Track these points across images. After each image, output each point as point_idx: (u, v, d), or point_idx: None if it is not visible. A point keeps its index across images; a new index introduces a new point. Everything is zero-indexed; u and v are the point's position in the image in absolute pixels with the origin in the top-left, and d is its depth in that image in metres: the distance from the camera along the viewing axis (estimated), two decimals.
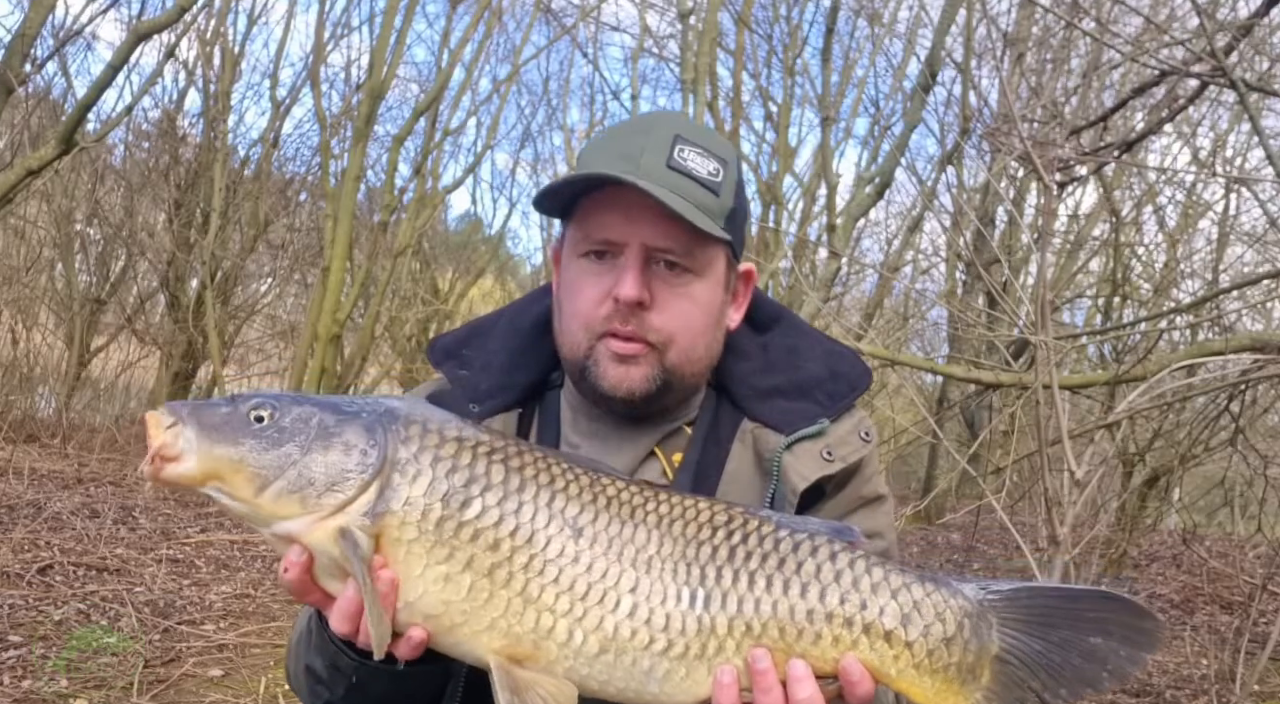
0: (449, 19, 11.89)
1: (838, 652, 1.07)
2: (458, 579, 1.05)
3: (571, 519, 1.08)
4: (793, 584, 1.08)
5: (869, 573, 1.10)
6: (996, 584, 1.12)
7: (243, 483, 1.04)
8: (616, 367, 1.29)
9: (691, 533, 1.10)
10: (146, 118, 13.18)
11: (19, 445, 9.02)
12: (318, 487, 1.04)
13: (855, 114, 13.22)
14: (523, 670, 1.05)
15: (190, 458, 1.04)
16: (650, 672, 1.06)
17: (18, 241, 11.73)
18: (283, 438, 1.06)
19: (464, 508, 1.06)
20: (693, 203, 1.25)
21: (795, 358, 1.42)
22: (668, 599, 1.07)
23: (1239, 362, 4.29)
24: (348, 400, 1.13)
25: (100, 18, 11.84)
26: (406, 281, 14.77)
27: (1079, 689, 1.08)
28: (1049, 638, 1.08)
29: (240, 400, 1.09)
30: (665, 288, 1.29)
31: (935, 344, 14.31)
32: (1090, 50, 6.51)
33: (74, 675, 4.19)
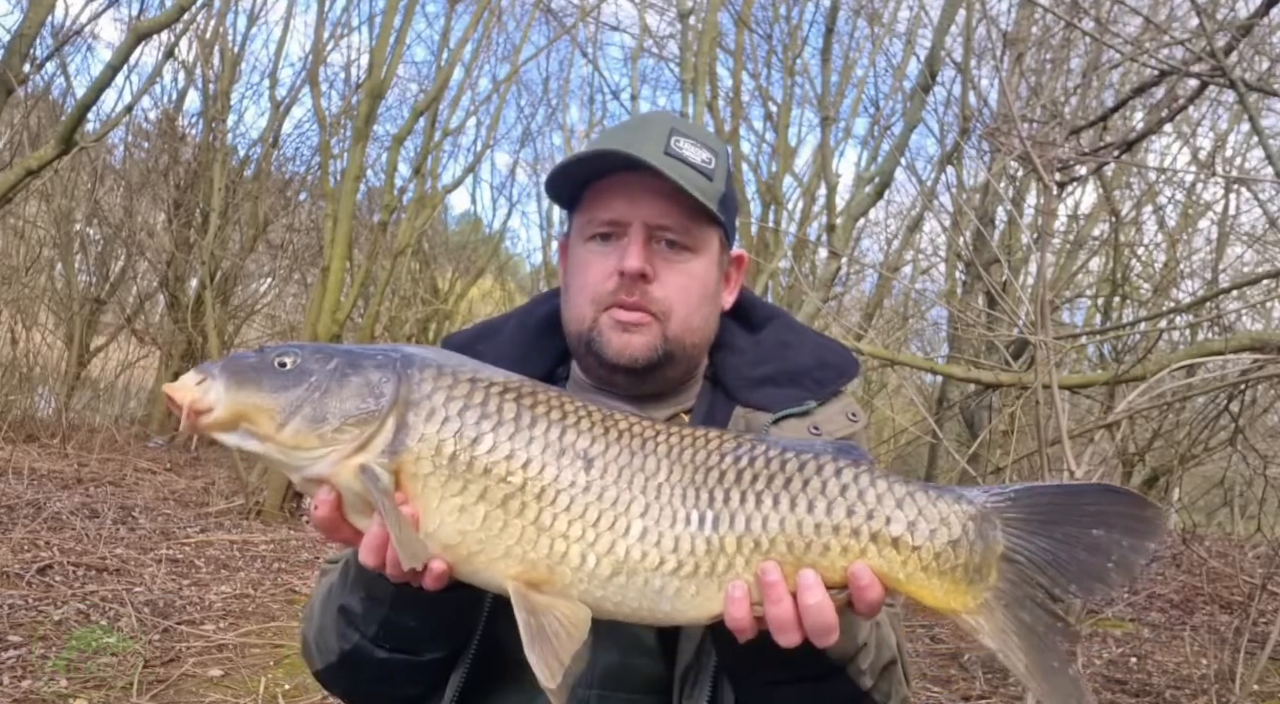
0: (448, 19, 11.88)
1: (846, 561, 1.11)
2: (472, 510, 1.10)
3: (582, 451, 1.13)
4: (799, 500, 1.12)
5: (874, 485, 1.14)
6: (1000, 488, 1.15)
7: (265, 420, 1.10)
8: (620, 334, 1.39)
9: (700, 459, 1.15)
10: (146, 118, 13.20)
11: (19, 445, 9.02)
12: (333, 422, 1.10)
13: (855, 114, 13.21)
14: (540, 595, 1.10)
15: (220, 405, 1.11)
16: (662, 591, 1.11)
17: (17, 241, 11.73)
18: (302, 378, 1.12)
19: (476, 443, 1.11)
20: (689, 184, 1.35)
21: (786, 351, 1.51)
22: (677, 522, 1.11)
23: (1239, 362, 4.30)
24: (371, 348, 1.19)
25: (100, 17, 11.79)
26: (406, 281, 14.77)
27: (1087, 583, 1.11)
28: (1053, 534, 1.12)
29: (268, 350, 1.16)
30: (665, 264, 1.40)
31: (935, 344, 14.32)
32: (1090, 50, 6.51)
33: (74, 675, 4.19)
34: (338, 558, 1.47)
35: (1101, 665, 5.79)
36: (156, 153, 12.88)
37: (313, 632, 1.41)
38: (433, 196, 13.89)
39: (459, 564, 1.12)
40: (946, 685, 5.33)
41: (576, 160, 1.41)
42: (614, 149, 1.36)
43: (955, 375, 5.96)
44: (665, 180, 1.34)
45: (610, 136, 1.46)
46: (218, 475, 9.69)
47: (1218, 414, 6.15)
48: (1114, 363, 7.59)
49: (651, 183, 1.37)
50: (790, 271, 9.91)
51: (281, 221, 13.55)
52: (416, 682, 1.38)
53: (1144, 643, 6.45)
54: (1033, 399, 3.71)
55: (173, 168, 12.36)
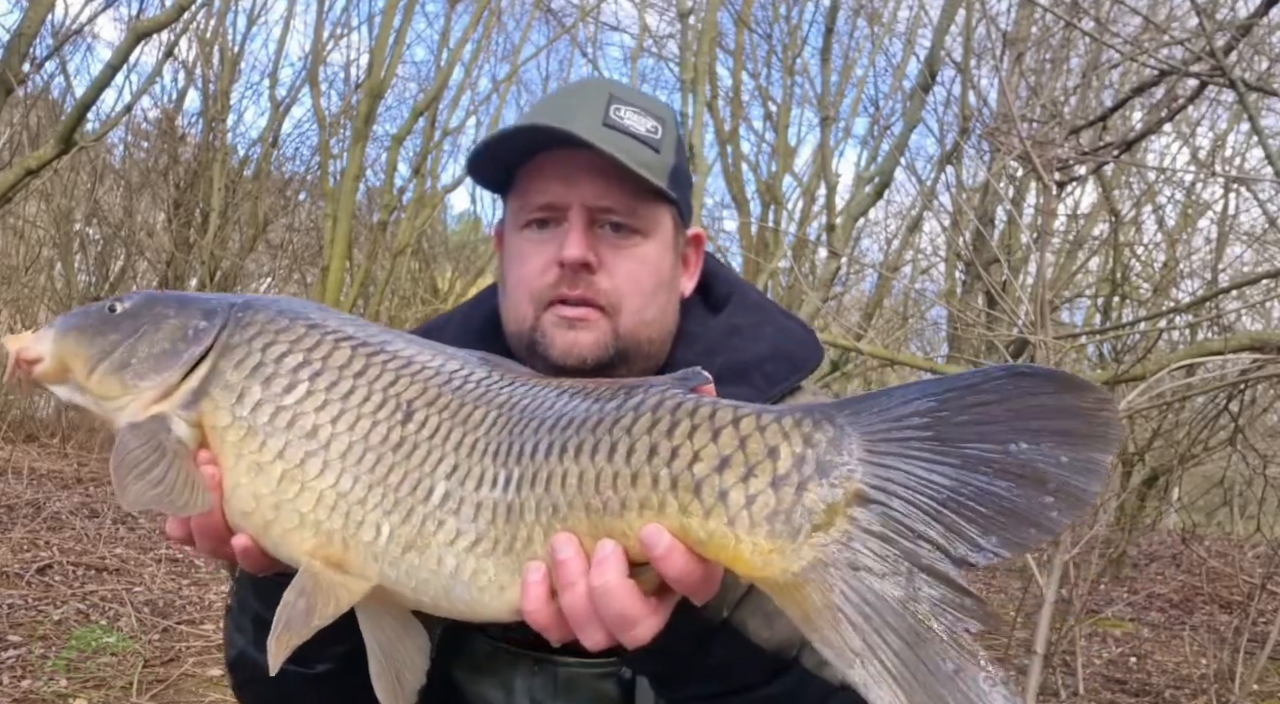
0: (448, 18, 11.89)
1: (644, 522, 0.81)
2: (268, 469, 0.93)
3: (405, 402, 0.93)
4: (601, 446, 0.83)
5: (691, 415, 0.82)
6: (869, 396, 0.79)
7: (80, 365, 1.01)
8: (564, 333, 1.21)
9: (534, 408, 0.90)
10: (146, 117, 13.18)
11: (18, 445, 9.02)
12: (136, 368, 0.99)
13: (855, 114, 13.20)
14: (333, 574, 0.90)
15: (48, 354, 1.03)
16: (456, 573, 0.88)
17: (17, 241, 11.72)
18: (121, 323, 1.03)
19: (287, 392, 0.94)
20: (632, 159, 1.19)
21: (736, 339, 1.33)
22: (483, 484, 0.88)
23: (1238, 361, 4.30)
24: (229, 296, 1.07)
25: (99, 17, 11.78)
26: (406, 281, 14.76)
27: (1017, 530, 0.71)
28: (947, 458, 0.73)
29: (111, 298, 1.07)
30: (611, 250, 1.23)
31: (935, 344, 14.31)
32: (1090, 50, 6.51)
33: (74, 675, 4.19)
34: None
35: (1101, 665, 5.79)
36: (156, 153, 12.87)
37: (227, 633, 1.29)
38: (432, 196, 13.88)
39: (259, 536, 0.94)
40: None
41: (499, 138, 1.23)
42: (541, 123, 1.19)
43: None
44: (604, 156, 1.17)
45: (541, 109, 1.28)
46: None
47: (1217, 414, 6.15)
48: (1114, 363, 7.59)
49: (590, 159, 1.19)
50: (790, 271, 9.90)
51: (281, 221, 13.54)
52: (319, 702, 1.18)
53: (1144, 643, 6.46)
54: None
55: (173, 168, 12.35)
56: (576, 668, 1.20)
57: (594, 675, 1.21)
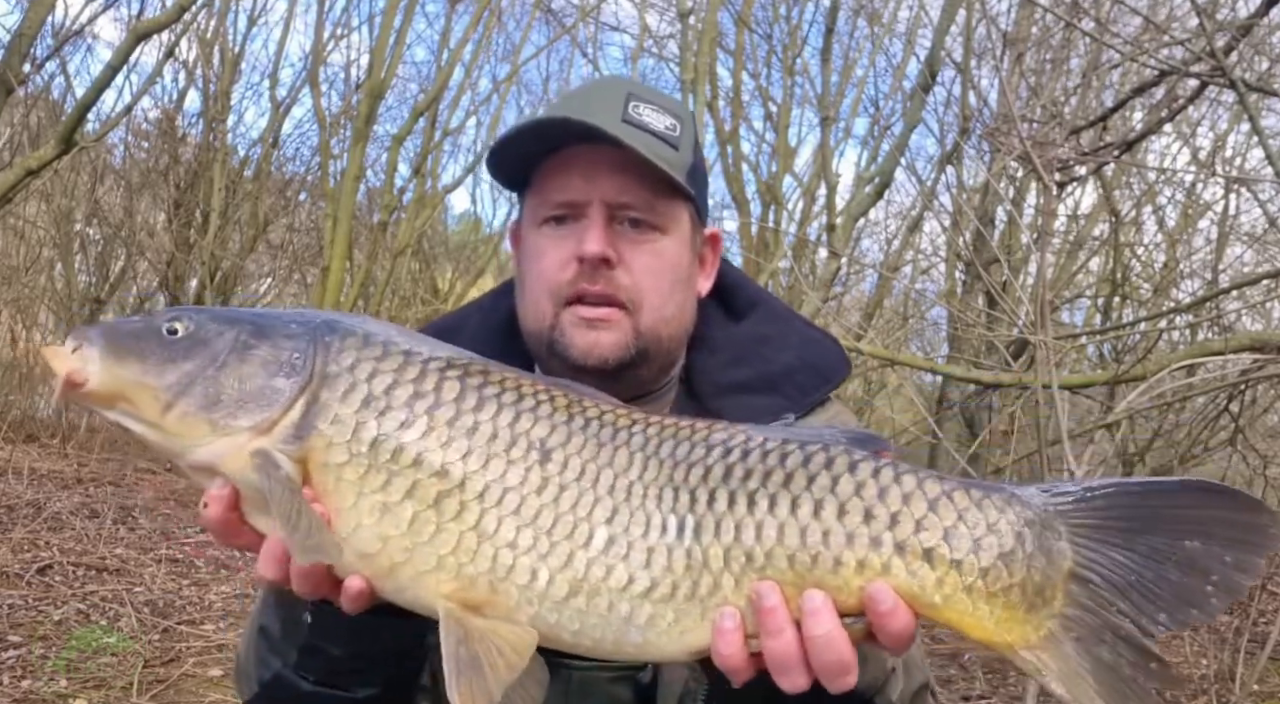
0: (448, 19, 11.89)
1: (863, 579, 0.87)
2: (397, 510, 0.89)
3: (538, 441, 0.91)
4: (803, 502, 0.88)
5: (898, 482, 0.89)
6: (1063, 485, 0.91)
7: (148, 402, 0.91)
8: (585, 333, 1.20)
9: (683, 453, 0.92)
10: (146, 118, 13.19)
11: (18, 445, 9.01)
12: (227, 405, 0.90)
13: (855, 114, 13.20)
14: (479, 618, 0.88)
15: (96, 378, 0.92)
16: (630, 618, 0.88)
17: (17, 241, 11.72)
18: (194, 350, 0.93)
19: (405, 427, 0.90)
20: (651, 155, 1.19)
21: (765, 348, 1.32)
22: (650, 530, 0.89)
23: (1239, 362, 4.29)
24: (288, 313, 1.00)
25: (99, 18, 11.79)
26: (406, 281, 14.77)
27: (1181, 611, 0.86)
28: (1135, 546, 0.87)
29: (155, 313, 0.99)
30: (630, 245, 1.22)
31: (935, 344, 14.31)
32: (1090, 50, 6.51)
33: (74, 675, 4.19)
34: None
35: None
36: (156, 153, 12.87)
37: (241, 654, 1.23)
38: (433, 196, 13.89)
39: (380, 579, 0.90)
40: (947, 685, 5.32)
41: (520, 132, 1.22)
42: (564, 117, 1.18)
43: (955, 375, 5.96)
44: (626, 151, 1.16)
45: (560, 106, 1.28)
46: None
47: (1218, 414, 6.14)
48: (1114, 363, 7.59)
49: (610, 155, 1.18)
50: (790, 271, 9.90)
51: (281, 221, 13.54)
52: None
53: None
54: (1033, 399, 3.71)
55: (173, 168, 12.35)
56: (590, 672, 1.19)
57: (608, 679, 1.19)
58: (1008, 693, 5.13)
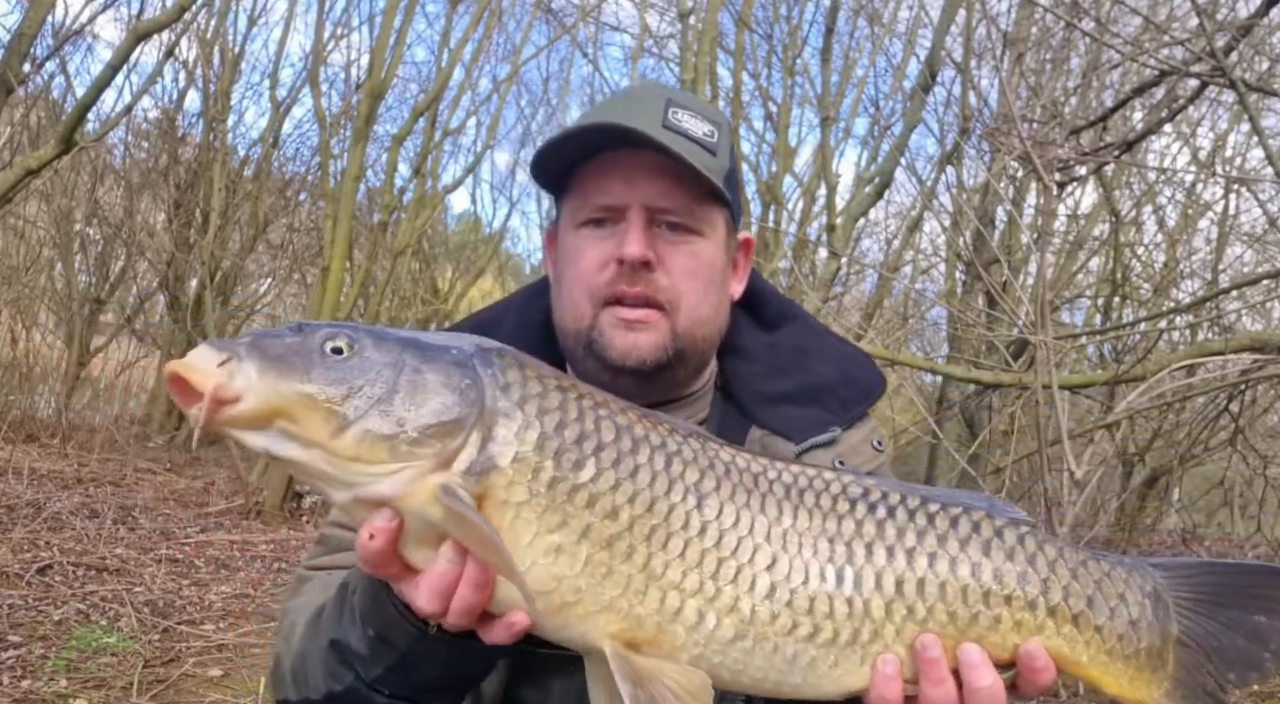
0: (449, 19, 11.88)
1: (1019, 637, 0.97)
2: (572, 551, 0.90)
3: (694, 486, 0.95)
4: (961, 563, 0.96)
5: (1042, 550, 1.00)
6: (1164, 561, 1.06)
7: (318, 421, 0.87)
8: (624, 334, 1.22)
9: (827, 505, 0.98)
10: (146, 118, 13.19)
11: (18, 445, 9.01)
12: (410, 431, 0.87)
13: (855, 114, 13.18)
14: (644, 658, 0.91)
15: (251, 395, 0.86)
16: (794, 660, 0.94)
17: (17, 241, 11.73)
18: (366, 371, 0.89)
19: (578, 468, 0.91)
20: (692, 161, 1.21)
21: (805, 360, 1.36)
22: (811, 578, 0.94)
23: (1239, 361, 4.30)
24: (427, 334, 0.99)
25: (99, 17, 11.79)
26: (406, 281, 14.76)
27: (1244, 673, 1.02)
28: (1218, 617, 1.02)
29: (309, 329, 0.93)
30: (669, 248, 1.24)
31: (935, 344, 14.31)
32: (1090, 50, 6.51)
33: (74, 675, 4.19)
34: (321, 566, 1.32)
35: None
36: (156, 153, 12.87)
37: (291, 657, 1.21)
38: (433, 196, 13.88)
39: (547, 616, 0.92)
40: None
41: (567, 136, 1.24)
42: (611, 122, 1.20)
43: (955, 375, 5.96)
44: (666, 157, 1.19)
45: (600, 112, 1.29)
46: (218, 475, 9.69)
47: (1218, 414, 6.15)
48: (1114, 363, 7.59)
49: (649, 160, 1.21)
50: (790, 271, 9.90)
51: (281, 221, 13.53)
52: None
53: None
54: (1033, 399, 3.71)
55: (173, 168, 12.35)
56: None
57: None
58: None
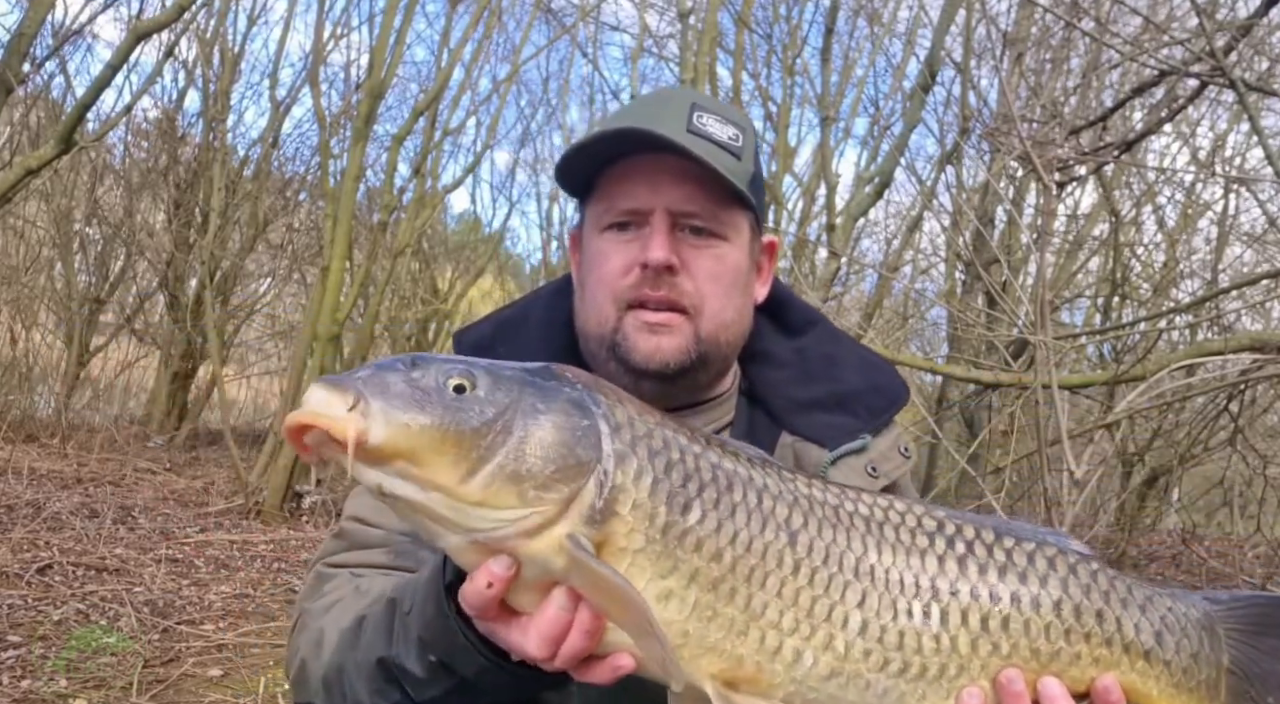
0: (449, 18, 11.87)
1: (1097, 671, 1.02)
2: (681, 595, 0.90)
3: (785, 523, 0.95)
4: (1043, 600, 1.00)
5: (1114, 587, 1.04)
6: (1212, 594, 1.11)
7: (446, 465, 0.85)
8: (648, 337, 1.23)
9: (907, 539, 1.00)
10: (146, 117, 13.18)
11: (18, 445, 9.01)
12: (537, 476, 0.86)
13: (855, 114, 13.18)
14: (743, 696, 0.93)
15: (378, 435, 0.84)
16: (884, 695, 0.97)
17: (17, 241, 11.73)
18: (491, 411, 0.87)
19: (687, 512, 0.91)
20: (715, 164, 1.21)
21: (833, 368, 1.38)
22: (899, 615, 0.97)
23: (1238, 361, 4.30)
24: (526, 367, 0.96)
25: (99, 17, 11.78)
26: (406, 281, 14.75)
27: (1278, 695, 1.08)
28: (1261, 646, 1.08)
29: (425, 364, 0.90)
30: (692, 251, 1.25)
31: (935, 344, 14.31)
32: (1090, 50, 6.51)
33: (73, 675, 4.19)
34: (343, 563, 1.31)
35: None
36: (156, 153, 12.86)
37: (322, 665, 1.21)
38: (433, 196, 13.87)
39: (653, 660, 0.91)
40: None
41: (595, 140, 1.24)
42: (635, 127, 1.20)
43: (955, 375, 5.96)
44: (691, 161, 1.19)
45: (625, 115, 1.30)
46: (217, 475, 9.69)
47: (1217, 414, 6.15)
48: (1114, 363, 7.59)
49: (674, 165, 1.22)
50: (790, 271, 9.90)
51: (281, 221, 13.53)
52: None
53: None
54: (1033, 399, 3.71)
55: (173, 168, 12.34)
56: None
57: None
58: None
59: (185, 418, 12.42)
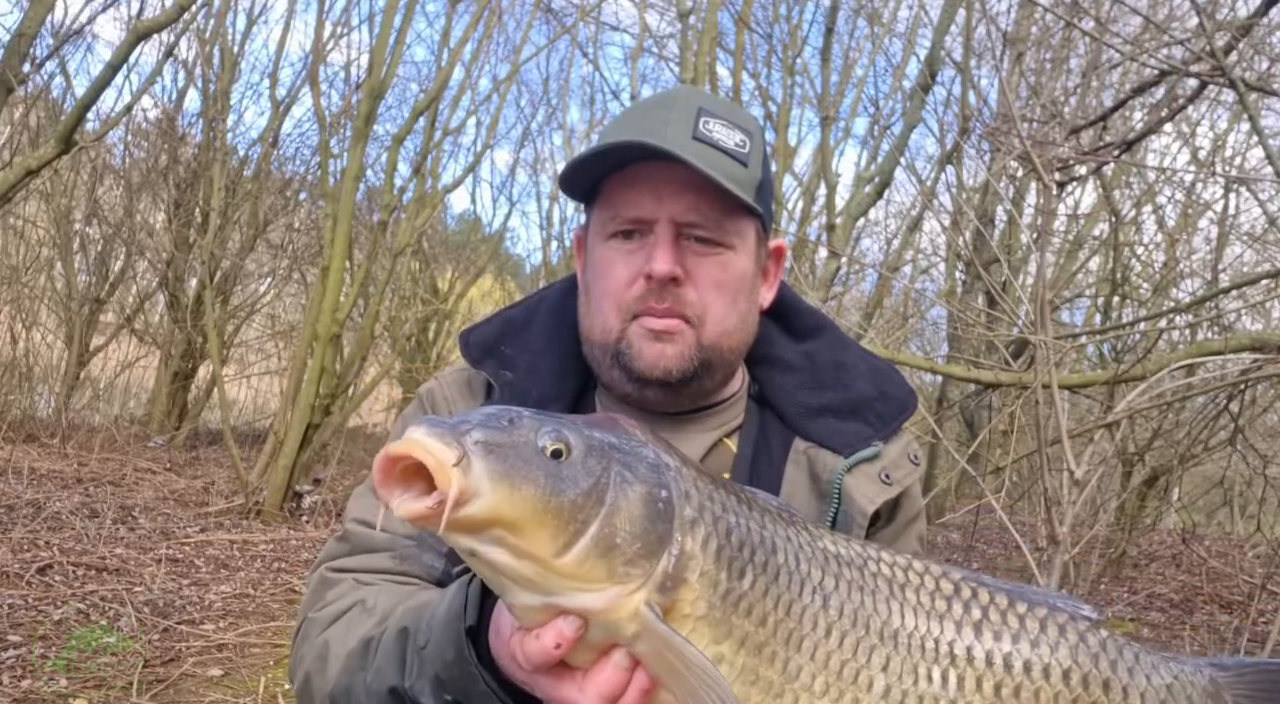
0: (449, 18, 11.86)
1: None
2: (731, 659, 0.92)
3: (819, 585, 0.97)
4: (1053, 668, 1.03)
5: (1121, 654, 1.06)
6: (1219, 660, 1.12)
7: (545, 538, 0.83)
8: (652, 344, 1.24)
9: (927, 603, 1.02)
10: (146, 117, 13.18)
11: (18, 445, 9.02)
12: (624, 550, 0.86)
13: (855, 114, 13.17)
14: None
15: (481, 502, 0.81)
16: None
17: (17, 241, 11.73)
18: (584, 481, 0.86)
19: (742, 577, 0.93)
20: (721, 173, 1.20)
21: (844, 374, 1.38)
22: (919, 679, 0.99)
23: (1238, 361, 4.30)
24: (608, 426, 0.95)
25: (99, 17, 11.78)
26: (406, 281, 14.75)
27: None
28: None
29: (520, 423, 0.87)
30: (697, 261, 1.25)
31: (935, 344, 14.32)
32: (1090, 50, 6.50)
33: (74, 675, 4.19)
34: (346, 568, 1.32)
35: None
36: (156, 152, 12.86)
37: (328, 683, 1.22)
38: (433, 196, 13.87)
39: None
40: None
41: (595, 155, 1.24)
42: (636, 140, 1.20)
43: (955, 375, 5.96)
44: (700, 174, 1.19)
45: (630, 120, 1.29)
46: (217, 475, 9.69)
47: (1217, 414, 6.16)
48: (1114, 363, 7.59)
49: (679, 173, 1.21)
50: (790, 271, 9.90)
51: (281, 221, 13.53)
52: None
53: (1144, 642, 6.44)
54: (1033, 399, 3.71)
55: (173, 167, 12.35)
56: None
57: None
58: None
59: (185, 418, 12.42)
